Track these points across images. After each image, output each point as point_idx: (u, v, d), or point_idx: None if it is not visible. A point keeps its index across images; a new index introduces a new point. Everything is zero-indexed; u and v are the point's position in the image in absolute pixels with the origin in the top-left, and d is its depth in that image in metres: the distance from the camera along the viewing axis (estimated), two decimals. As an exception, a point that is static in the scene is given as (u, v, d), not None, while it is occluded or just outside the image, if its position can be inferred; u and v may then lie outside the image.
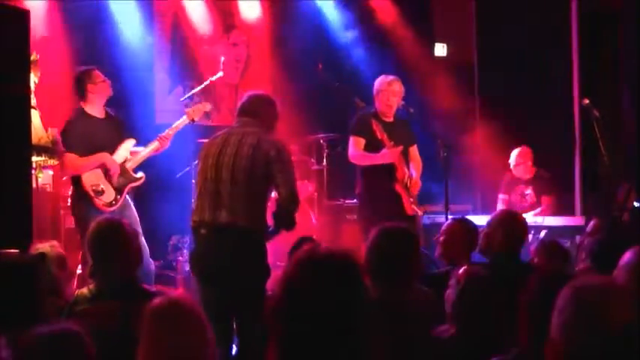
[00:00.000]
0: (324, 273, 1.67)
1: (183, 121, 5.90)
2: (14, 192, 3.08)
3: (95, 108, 5.50)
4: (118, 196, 5.47)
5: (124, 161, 5.57)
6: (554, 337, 1.62)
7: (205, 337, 2.50)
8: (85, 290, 3.28)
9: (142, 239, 5.44)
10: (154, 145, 5.71)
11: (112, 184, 5.45)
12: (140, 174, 5.65)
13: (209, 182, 4.12)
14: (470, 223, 4.40)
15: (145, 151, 5.69)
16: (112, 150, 5.52)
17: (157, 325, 2.47)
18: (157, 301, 2.54)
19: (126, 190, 5.53)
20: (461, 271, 2.83)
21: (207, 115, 6.54)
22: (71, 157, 5.37)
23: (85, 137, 5.37)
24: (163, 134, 5.76)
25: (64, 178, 5.91)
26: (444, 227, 4.34)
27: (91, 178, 5.39)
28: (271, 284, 3.96)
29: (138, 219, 5.56)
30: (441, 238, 4.24)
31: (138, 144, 5.76)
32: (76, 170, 5.38)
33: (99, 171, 5.42)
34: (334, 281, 1.67)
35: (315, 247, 1.77)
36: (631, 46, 7.04)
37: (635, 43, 6.94)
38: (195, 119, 6.00)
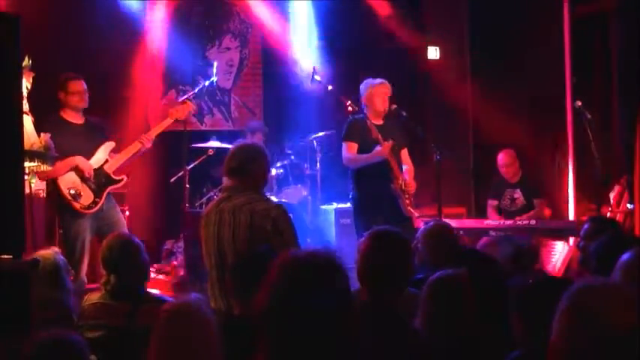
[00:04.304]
0: (305, 272, 1.69)
1: (166, 121, 5.87)
2: (7, 198, 3.07)
3: (71, 114, 5.53)
4: (97, 199, 5.46)
5: (104, 163, 5.56)
6: (554, 340, 1.62)
7: (214, 342, 2.52)
8: (97, 293, 3.63)
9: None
10: (134, 147, 5.67)
11: (89, 187, 5.45)
12: (121, 177, 5.61)
13: (215, 269, 3.87)
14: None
15: (124, 153, 5.67)
16: (88, 154, 5.51)
17: (169, 326, 2.52)
18: (170, 303, 2.64)
19: (105, 192, 5.51)
20: (433, 276, 2.85)
21: (191, 114, 6.41)
22: None
23: (57, 142, 5.32)
24: (145, 135, 5.73)
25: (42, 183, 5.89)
26: (419, 235, 4.06)
27: (68, 182, 5.41)
28: None
29: (124, 221, 5.55)
30: (419, 246, 3.98)
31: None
32: (49, 173, 5.36)
33: (74, 175, 5.43)
34: (316, 280, 1.68)
35: (297, 250, 1.81)
36: (622, 47, 7.06)
37: (625, 43, 6.96)
38: (180, 118, 5.96)
